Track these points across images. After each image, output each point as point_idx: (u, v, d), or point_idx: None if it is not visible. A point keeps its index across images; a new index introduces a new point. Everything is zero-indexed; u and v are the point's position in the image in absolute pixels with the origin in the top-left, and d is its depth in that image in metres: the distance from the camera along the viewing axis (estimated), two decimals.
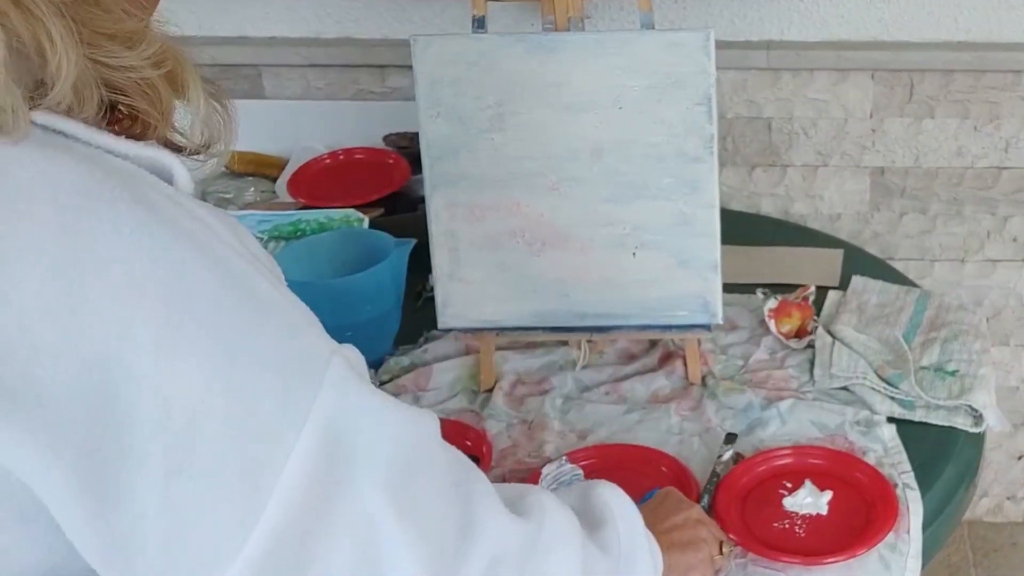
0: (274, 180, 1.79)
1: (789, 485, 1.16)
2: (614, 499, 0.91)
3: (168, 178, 0.69)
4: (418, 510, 0.69)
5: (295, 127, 1.87)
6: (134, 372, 0.60)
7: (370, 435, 0.67)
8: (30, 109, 0.63)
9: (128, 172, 0.66)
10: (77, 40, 0.63)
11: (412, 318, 1.42)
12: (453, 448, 0.77)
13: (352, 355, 0.71)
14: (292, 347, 0.66)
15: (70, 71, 0.63)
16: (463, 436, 1.25)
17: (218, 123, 0.73)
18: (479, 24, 1.24)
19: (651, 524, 0.94)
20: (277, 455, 0.63)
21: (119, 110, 0.69)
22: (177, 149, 0.72)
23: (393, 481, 0.67)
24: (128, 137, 0.67)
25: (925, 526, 1.12)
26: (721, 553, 1.05)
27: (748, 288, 1.45)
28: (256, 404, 0.63)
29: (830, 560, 1.07)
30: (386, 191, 1.67)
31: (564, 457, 1.21)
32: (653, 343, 1.39)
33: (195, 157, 0.73)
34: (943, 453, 1.22)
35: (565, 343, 1.38)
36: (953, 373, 1.31)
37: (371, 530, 0.66)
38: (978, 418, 1.26)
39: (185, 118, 0.72)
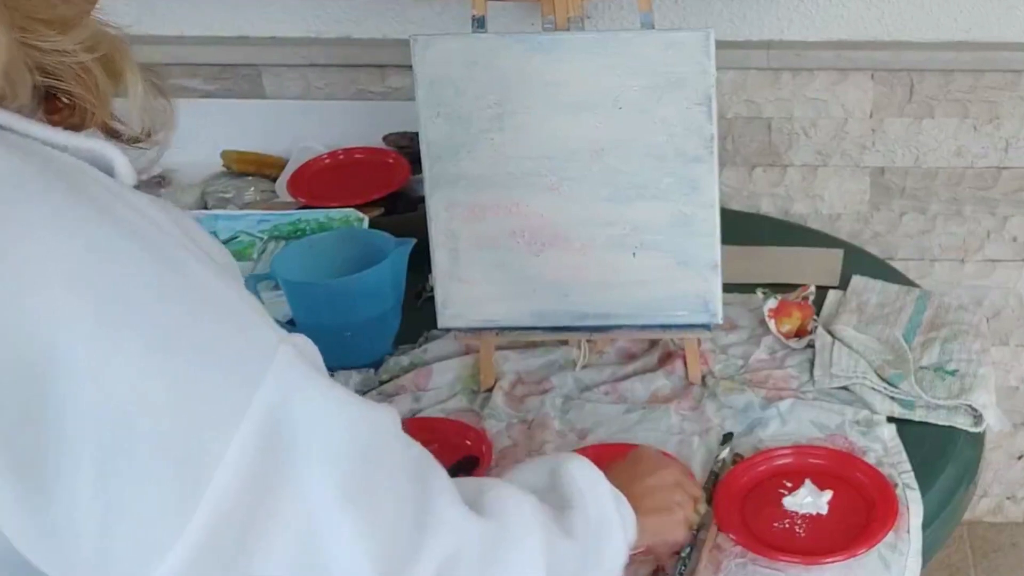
0: (274, 180, 1.79)
1: (789, 485, 1.16)
2: (583, 477, 0.90)
3: (108, 169, 0.68)
4: (369, 504, 0.67)
5: (295, 127, 1.87)
6: (70, 362, 0.59)
7: (318, 427, 0.66)
8: None
9: (65, 163, 0.65)
10: (8, 24, 0.62)
11: (412, 318, 1.42)
12: (414, 443, 0.76)
13: (304, 345, 0.70)
14: (235, 337, 0.65)
15: (0, 55, 0.62)
16: (463, 436, 1.25)
17: (159, 111, 0.73)
18: (479, 24, 1.24)
19: (625, 486, 0.93)
20: (215, 447, 0.62)
21: (57, 100, 0.68)
22: (117, 137, 0.71)
23: (341, 474, 0.66)
24: (67, 128, 0.67)
25: (925, 526, 1.12)
26: (697, 513, 1.06)
27: (748, 288, 1.45)
28: (194, 395, 0.62)
29: (830, 560, 1.07)
30: (386, 191, 1.67)
31: None
32: (653, 343, 1.39)
33: (137, 146, 0.73)
34: (943, 453, 1.22)
35: (565, 343, 1.38)
36: (953, 373, 1.31)
37: (315, 524, 0.65)
38: (978, 418, 1.26)
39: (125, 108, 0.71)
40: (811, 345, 1.37)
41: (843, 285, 1.51)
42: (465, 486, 0.79)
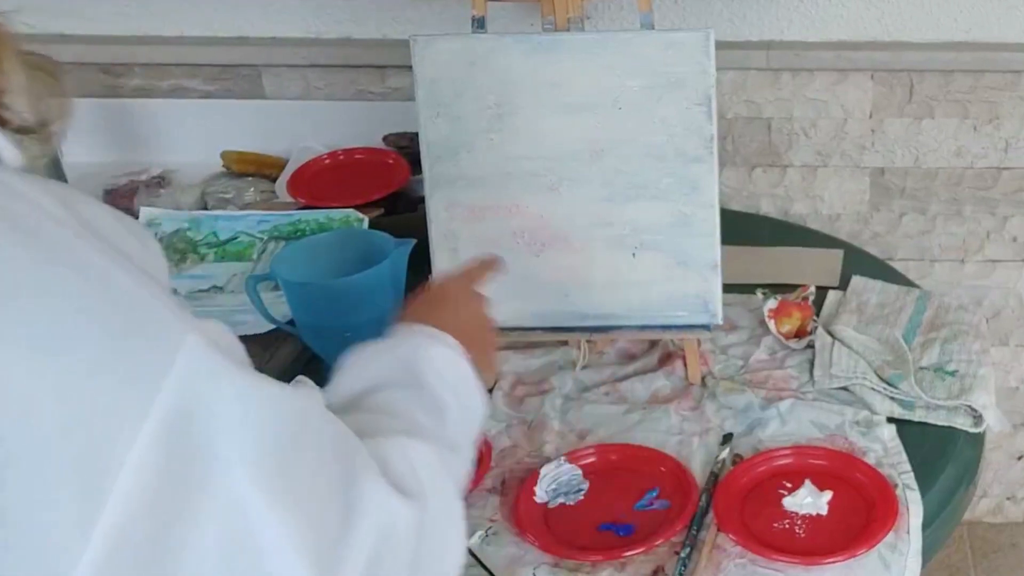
0: (274, 180, 1.79)
1: (789, 485, 1.16)
2: (446, 367, 0.91)
3: None
4: (295, 491, 0.65)
5: (295, 127, 1.88)
6: None
7: (233, 416, 0.63)
8: None
9: None
10: None
11: None
12: (335, 420, 0.73)
13: (215, 331, 0.66)
14: (134, 331, 0.61)
15: None
16: None
17: (46, 94, 0.70)
18: (479, 24, 1.24)
19: (447, 325, 0.95)
20: (116, 448, 0.58)
21: None
22: (4, 125, 0.68)
23: (263, 463, 0.63)
24: None
25: (925, 526, 1.12)
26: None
27: (748, 288, 1.45)
28: (90, 394, 0.58)
29: (830, 560, 1.07)
30: (386, 191, 1.67)
31: (563, 457, 1.21)
32: (653, 343, 1.39)
33: (32, 136, 0.69)
34: (943, 453, 1.22)
35: (565, 343, 1.38)
36: (953, 373, 1.31)
37: (241, 516, 0.62)
38: (978, 418, 1.26)
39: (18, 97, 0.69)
40: (811, 345, 1.37)
41: (843, 285, 1.51)
42: (374, 455, 0.76)
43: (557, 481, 1.18)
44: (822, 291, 1.48)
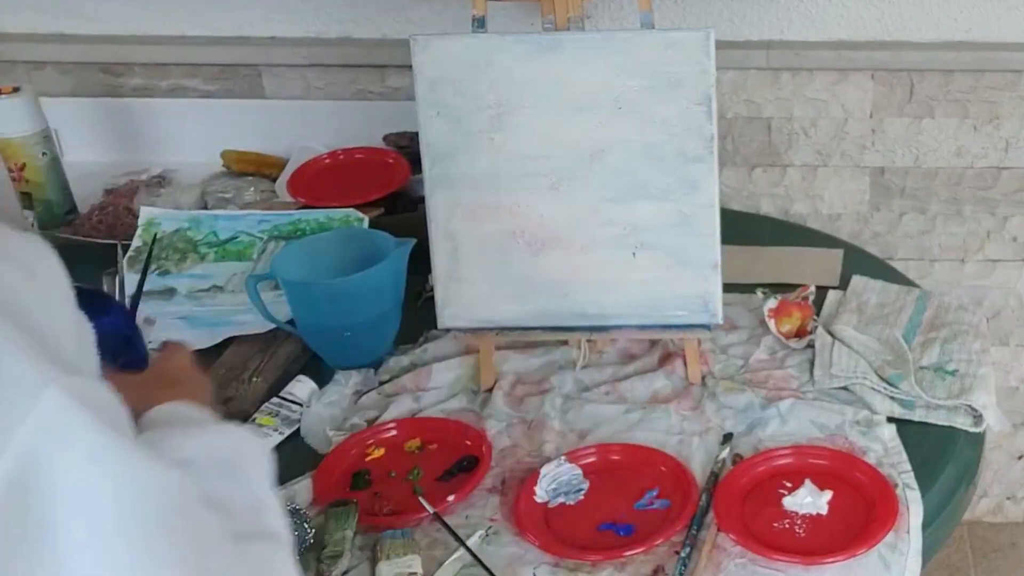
0: (274, 180, 1.79)
1: (789, 485, 1.16)
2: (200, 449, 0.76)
3: None
4: (134, 564, 0.58)
5: (295, 127, 1.88)
6: None
7: (85, 483, 0.56)
8: None
9: None
10: None
11: (412, 318, 1.42)
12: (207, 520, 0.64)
13: (89, 389, 0.59)
14: None
15: None
16: (463, 436, 1.25)
17: None
18: (479, 24, 1.24)
19: (155, 396, 0.83)
20: None
21: None
22: None
23: (114, 544, 0.57)
24: None
25: (925, 526, 1.12)
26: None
27: (748, 288, 1.45)
28: None
29: (830, 560, 1.07)
30: (386, 191, 1.67)
31: (564, 457, 1.21)
32: (653, 343, 1.39)
33: None
34: (943, 453, 1.22)
35: (565, 343, 1.38)
36: (953, 373, 1.31)
37: None
38: (978, 418, 1.26)
39: None
40: (811, 345, 1.37)
41: (843, 285, 1.51)
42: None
43: (557, 481, 1.18)
44: (822, 291, 1.48)
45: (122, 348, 0.99)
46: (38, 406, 0.56)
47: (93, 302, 1.04)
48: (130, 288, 1.17)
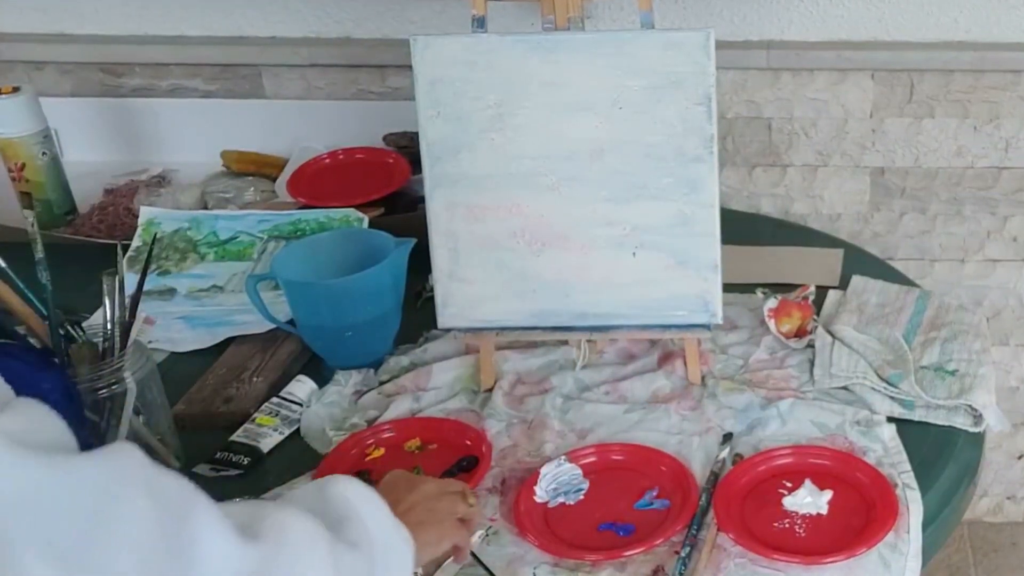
0: (274, 180, 1.79)
1: (789, 485, 1.16)
2: (353, 492, 0.88)
3: None
4: (105, 570, 0.64)
5: (295, 127, 1.88)
6: None
7: (32, 506, 0.62)
8: None
9: None
10: None
11: (412, 318, 1.42)
12: (165, 477, 0.71)
13: (13, 421, 0.65)
14: None
15: None
16: (463, 436, 1.25)
17: None
18: (479, 24, 1.24)
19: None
20: None
21: None
22: None
23: (60, 550, 0.62)
24: None
25: (925, 526, 1.12)
26: (470, 505, 1.04)
27: (748, 288, 1.45)
28: None
29: (830, 560, 1.07)
30: (386, 191, 1.67)
31: (564, 457, 1.21)
32: (653, 343, 1.39)
33: None
34: (943, 453, 1.22)
35: (565, 343, 1.38)
36: (953, 373, 1.31)
37: None
38: (978, 418, 1.26)
39: None
40: (811, 345, 1.37)
41: (843, 285, 1.51)
42: (240, 511, 0.76)
43: (557, 481, 1.18)
44: (822, 291, 1.48)
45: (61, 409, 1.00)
46: None
47: (35, 361, 1.04)
48: (130, 288, 1.17)
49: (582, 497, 1.17)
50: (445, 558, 1.04)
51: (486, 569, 1.07)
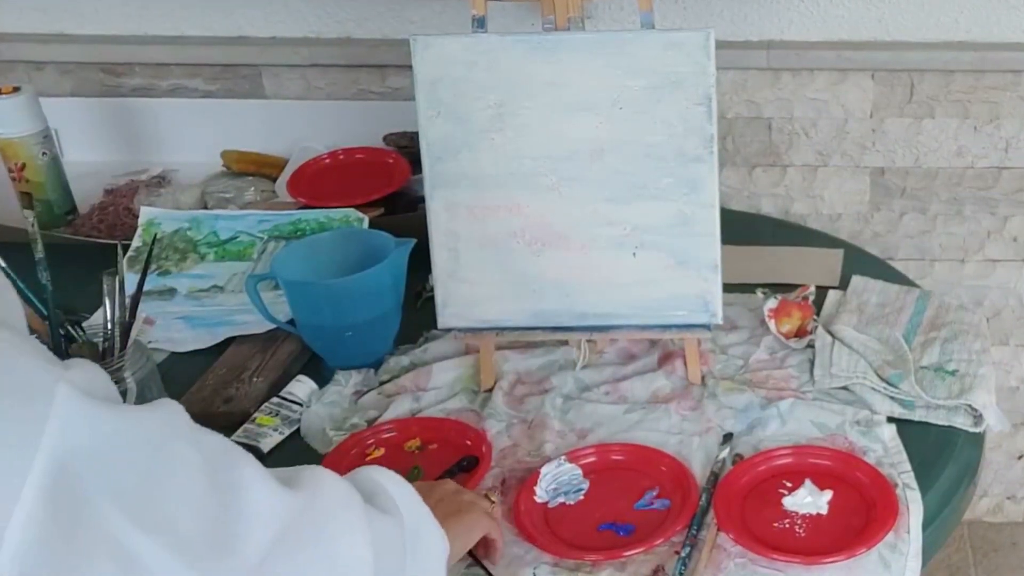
0: (274, 180, 1.79)
1: (789, 485, 1.16)
2: (381, 474, 0.92)
3: None
4: (166, 516, 0.68)
5: (295, 127, 1.88)
6: None
7: (102, 461, 0.65)
8: None
9: None
10: None
11: (412, 318, 1.42)
12: (208, 435, 0.75)
13: (86, 375, 0.68)
14: (2, 389, 0.63)
15: None
16: (463, 436, 1.25)
17: None
18: (479, 24, 1.24)
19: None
20: (3, 505, 0.60)
21: None
22: None
23: (129, 497, 0.66)
24: None
25: (925, 526, 1.12)
26: (492, 502, 1.09)
27: (748, 288, 1.45)
28: None
29: (830, 560, 1.07)
30: (386, 191, 1.67)
31: (564, 456, 1.21)
32: (653, 343, 1.39)
33: None
34: (943, 453, 1.22)
35: (565, 343, 1.38)
36: (953, 373, 1.31)
37: (124, 550, 0.65)
38: (978, 418, 1.26)
39: None
40: (811, 345, 1.37)
41: (843, 285, 1.51)
42: (277, 471, 0.80)
43: (557, 480, 1.18)
44: (822, 291, 1.48)
45: None
46: (54, 405, 0.63)
47: None
48: (130, 288, 1.17)
49: (582, 497, 1.17)
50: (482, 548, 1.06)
51: (485, 569, 1.07)
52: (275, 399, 1.31)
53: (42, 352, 0.67)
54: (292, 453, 1.24)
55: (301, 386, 1.32)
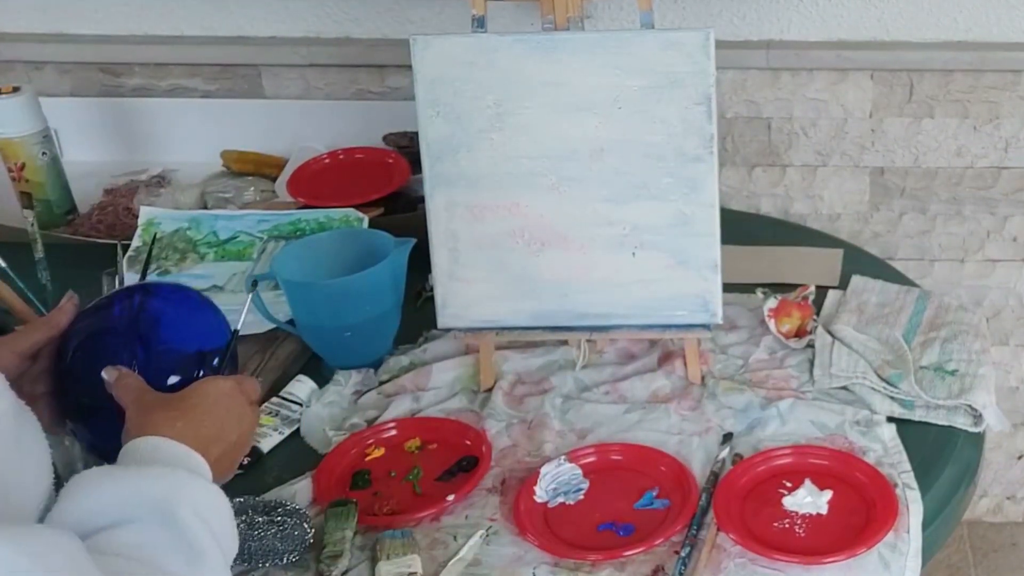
0: (274, 180, 1.79)
1: (789, 485, 1.16)
2: (201, 507, 0.81)
3: None
4: None
5: (295, 127, 1.88)
6: None
7: None
8: None
9: None
10: None
11: (412, 318, 1.42)
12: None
13: None
14: None
15: None
16: (463, 436, 1.25)
17: None
18: (479, 24, 1.24)
19: (180, 431, 0.87)
20: None
21: None
22: None
23: None
24: None
25: (925, 526, 1.12)
26: (254, 391, 1.00)
27: (748, 288, 1.45)
28: None
29: (830, 560, 1.07)
30: (386, 191, 1.67)
31: (564, 456, 1.21)
32: (653, 343, 1.39)
33: None
34: (943, 453, 1.22)
35: (565, 343, 1.38)
36: (953, 373, 1.31)
37: None
38: (978, 418, 1.26)
39: None
40: (811, 345, 1.37)
41: (843, 285, 1.51)
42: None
43: (557, 481, 1.18)
44: (822, 291, 1.48)
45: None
46: None
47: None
48: None
49: (582, 497, 1.17)
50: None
51: None
52: (275, 399, 1.31)
53: None
54: (292, 453, 1.24)
55: (301, 386, 1.32)
